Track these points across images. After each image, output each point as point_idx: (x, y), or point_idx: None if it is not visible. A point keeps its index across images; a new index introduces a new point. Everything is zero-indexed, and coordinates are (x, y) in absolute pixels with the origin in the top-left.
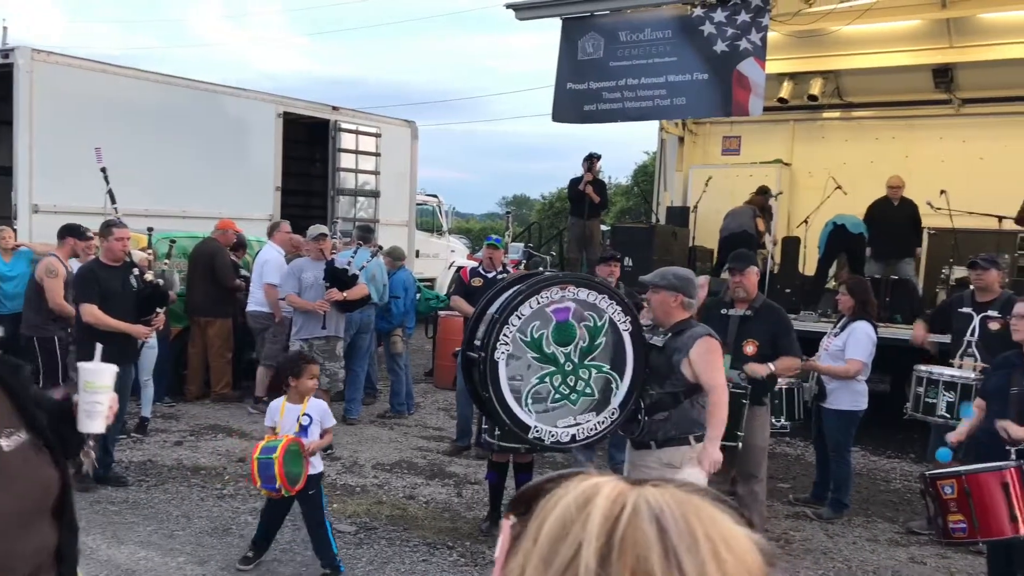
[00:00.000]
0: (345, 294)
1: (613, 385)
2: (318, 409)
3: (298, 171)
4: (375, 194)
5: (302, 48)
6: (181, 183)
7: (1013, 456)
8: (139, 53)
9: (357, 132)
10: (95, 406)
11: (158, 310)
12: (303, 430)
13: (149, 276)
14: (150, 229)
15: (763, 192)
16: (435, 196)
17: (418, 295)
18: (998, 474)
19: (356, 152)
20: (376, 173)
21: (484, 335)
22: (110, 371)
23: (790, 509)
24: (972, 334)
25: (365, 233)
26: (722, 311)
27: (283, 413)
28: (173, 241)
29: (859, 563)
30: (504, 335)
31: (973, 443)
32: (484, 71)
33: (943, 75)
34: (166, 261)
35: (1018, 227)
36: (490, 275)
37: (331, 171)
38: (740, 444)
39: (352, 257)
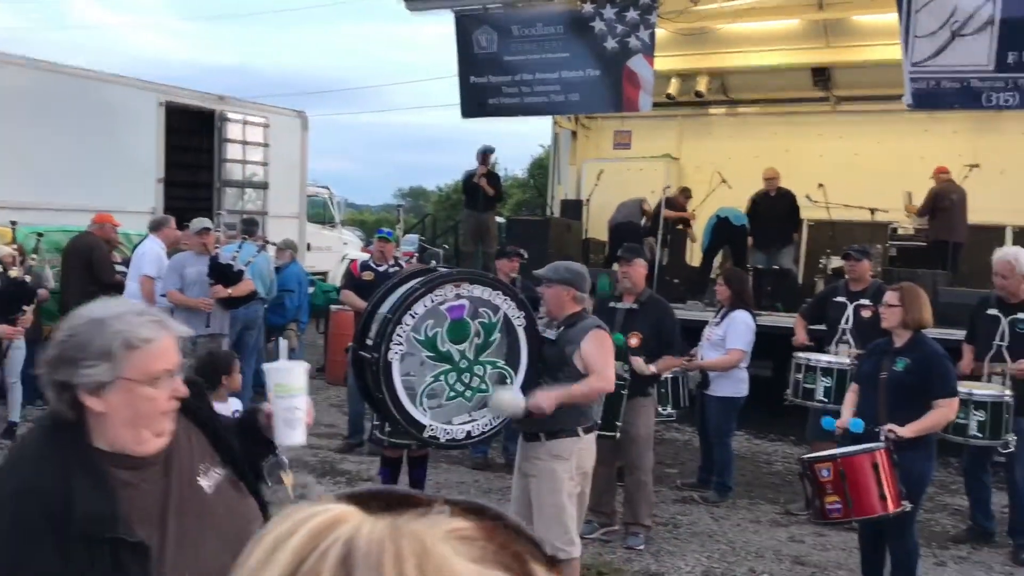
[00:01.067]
0: (231, 290)
1: (507, 380)
2: (240, 407)
3: (183, 162)
4: (264, 186)
5: (190, 35)
6: (51, 174)
7: (882, 438)
8: (4, 35)
9: (244, 122)
10: (294, 412)
11: (24, 308)
12: None
13: (14, 273)
14: (13, 222)
15: (685, 194)
16: (326, 187)
17: (312, 288)
18: (869, 456)
19: (243, 143)
20: (265, 164)
21: (377, 335)
22: (301, 369)
23: (678, 494)
24: (846, 322)
25: (250, 226)
26: (610, 304)
27: None
28: (40, 235)
29: (743, 544)
30: (398, 335)
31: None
32: (380, 61)
33: (821, 74)
34: (33, 256)
35: (901, 220)
36: (381, 268)
37: (217, 162)
38: (618, 434)
39: (237, 251)
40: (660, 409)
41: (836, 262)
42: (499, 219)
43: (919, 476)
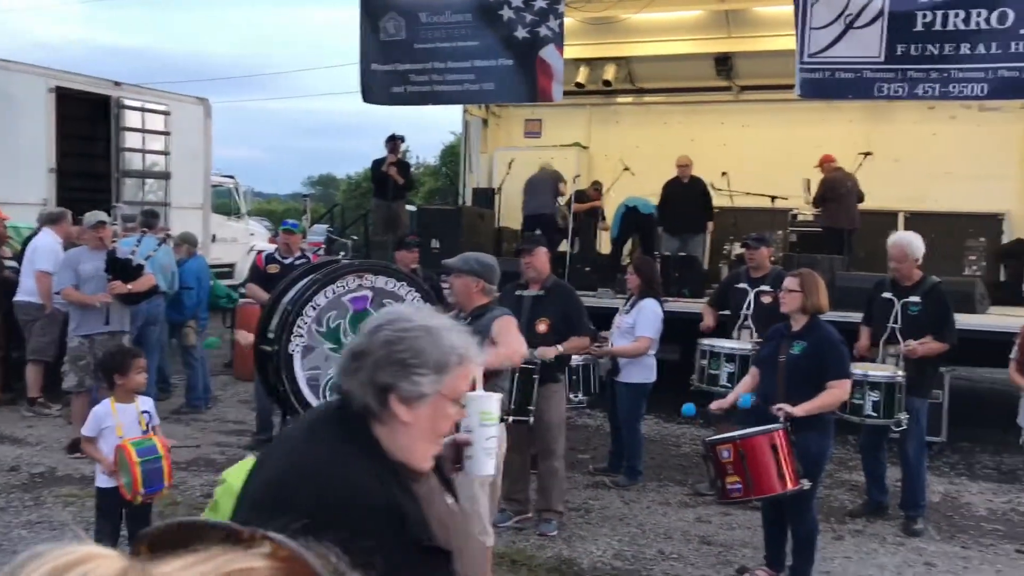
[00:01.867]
0: (130, 286)
1: None
2: (149, 405)
3: (79, 151)
4: (165, 176)
5: (84, 16)
6: None
7: (781, 419)
8: None
9: (143, 110)
10: (492, 442)
11: None
12: (149, 428)
13: None
14: None
15: (596, 187)
16: (231, 177)
17: (211, 284)
18: (768, 436)
19: (143, 131)
20: (166, 153)
21: (277, 328)
22: (497, 398)
23: (590, 479)
24: (748, 308)
25: (150, 218)
26: (516, 292)
27: (116, 415)
28: None
29: (652, 526)
30: (298, 327)
31: (753, 409)
32: (289, 46)
33: (724, 63)
34: None
35: (801, 207)
36: (287, 261)
37: (115, 151)
38: (532, 419)
39: (137, 245)
40: (572, 396)
41: (740, 249)
42: (410, 208)
43: (816, 455)
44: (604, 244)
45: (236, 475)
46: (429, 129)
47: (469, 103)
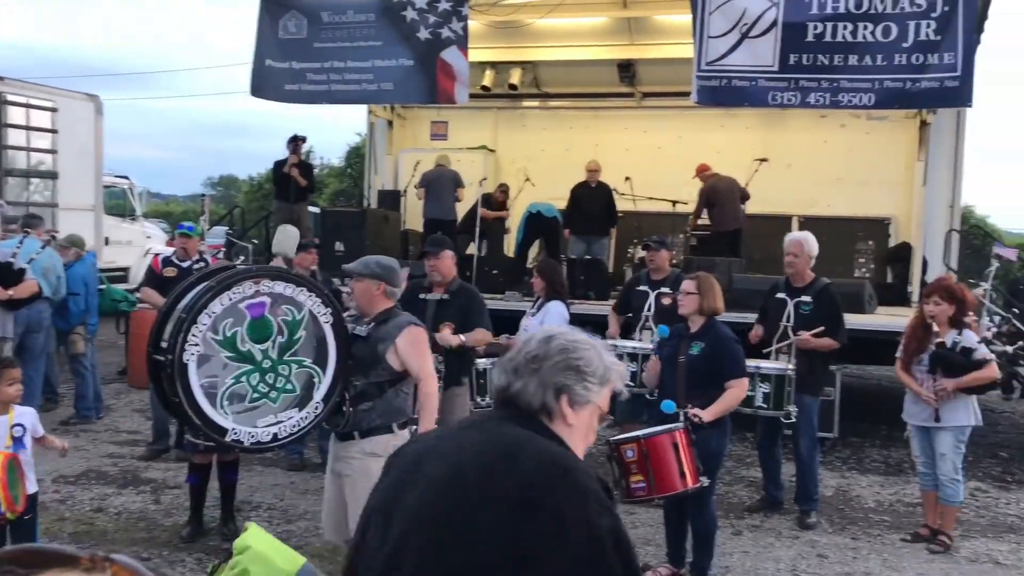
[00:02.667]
0: (11, 291)
1: (315, 379)
2: (28, 417)
3: None
4: (52, 175)
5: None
6: None
7: (682, 419)
8: None
9: (28, 106)
10: None
11: None
12: (17, 443)
13: None
14: None
15: (503, 189)
16: (125, 177)
17: (103, 288)
18: (670, 436)
19: (27, 128)
20: (53, 152)
21: (171, 336)
22: None
23: None
24: (648, 310)
25: (31, 220)
26: (420, 295)
27: None
28: None
29: None
30: (193, 335)
31: (654, 410)
32: (190, 43)
33: (626, 70)
34: None
35: (692, 223)
36: (185, 265)
37: None
38: (436, 426)
39: (18, 248)
40: (478, 399)
41: (642, 252)
42: (313, 210)
43: (715, 453)
44: (511, 247)
45: (257, 539)
46: (335, 130)
47: (367, 103)
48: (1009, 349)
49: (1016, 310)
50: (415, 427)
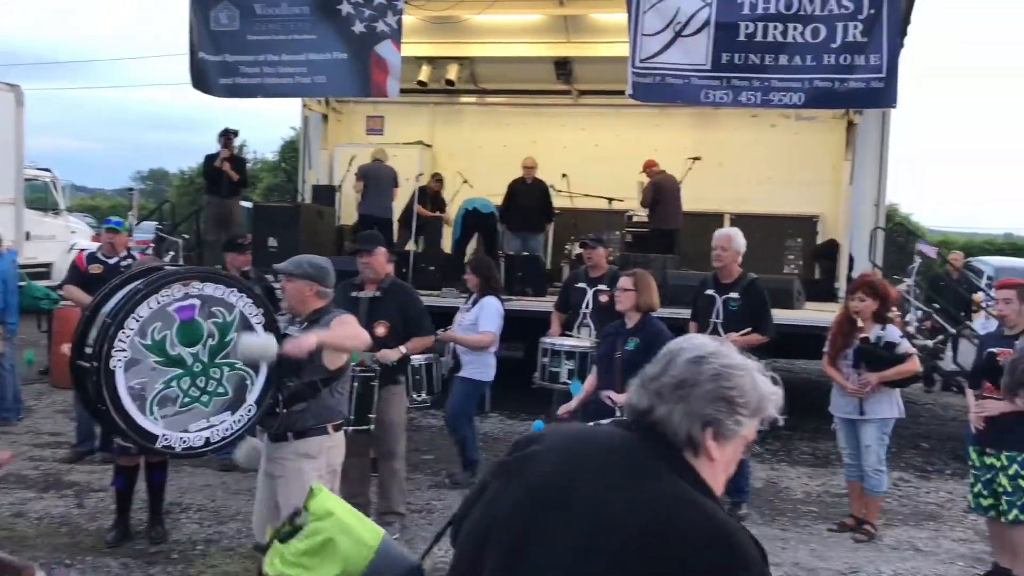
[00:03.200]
0: None
1: (248, 381)
2: None
3: None
4: None
5: None
6: None
7: (617, 415)
8: None
9: None
10: None
11: None
12: None
13: None
14: None
15: (437, 178)
16: (48, 170)
17: (23, 285)
18: None
19: None
20: None
21: (96, 340)
22: None
23: (433, 479)
24: (587, 307)
25: None
26: (352, 293)
27: None
28: None
29: None
30: (120, 340)
31: (589, 404)
32: (116, 33)
33: (563, 68)
34: None
35: (636, 208)
36: (112, 261)
37: None
38: (373, 427)
39: None
40: (414, 396)
41: (580, 249)
42: (246, 205)
43: None
44: (448, 243)
45: (338, 505)
46: (269, 124)
47: (301, 96)
48: (930, 343)
49: (937, 305)
50: (350, 428)
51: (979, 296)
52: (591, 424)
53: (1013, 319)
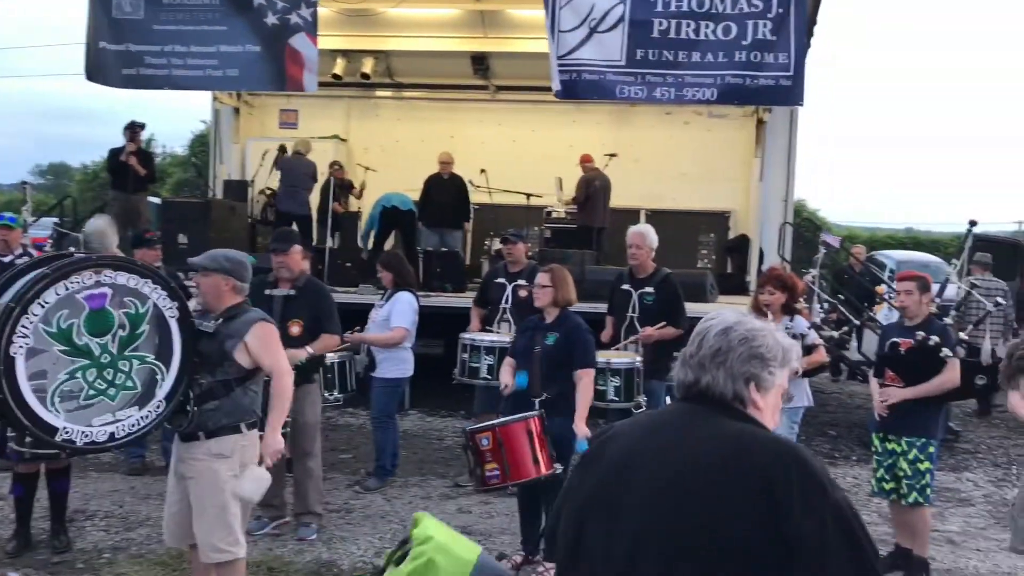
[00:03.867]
0: None
1: (158, 376)
2: None
3: None
4: None
5: None
6: None
7: (536, 407)
8: None
9: None
10: None
11: None
12: None
13: None
14: None
15: (337, 166)
16: None
17: None
18: (524, 423)
19: None
20: None
21: None
22: None
23: (351, 479)
24: (506, 302)
25: None
26: (266, 291)
27: None
28: None
29: None
30: (23, 327)
31: (511, 397)
32: (12, 19)
33: (480, 63)
34: None
35: (555, 204)
36: (6, 259)
37: None
38: (289, 428)
39: None
40: (327, 395)
41: (499, 244)
42: (154, 200)
43: (568, 439)
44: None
45: (437, 529)
46: (178, 117)
47: (212, 89)
48: (836, 334)
49: (842, 297)
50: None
51: (882, 288)
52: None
53: (914, 310)
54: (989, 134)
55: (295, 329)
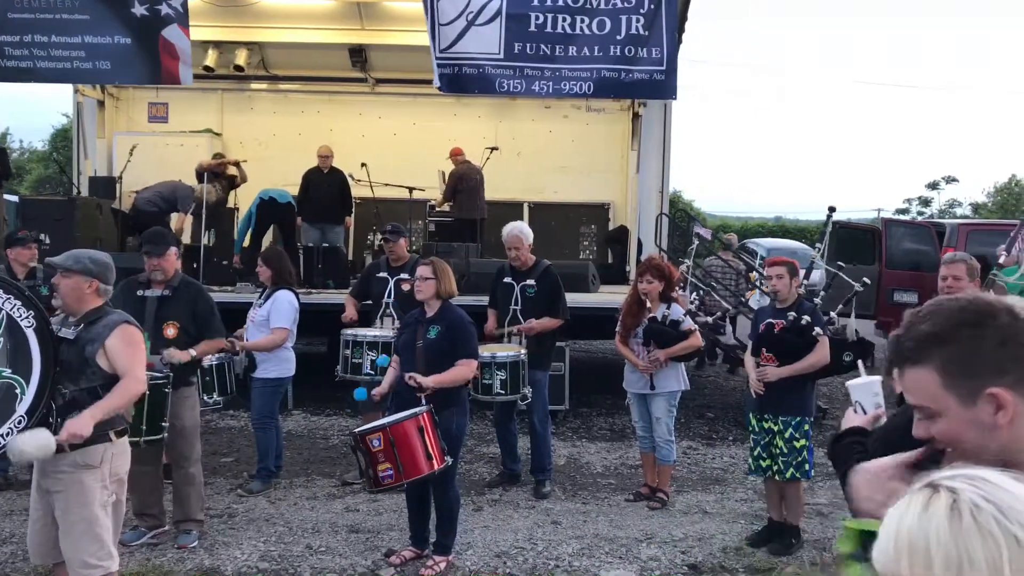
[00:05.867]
0: None
1: (18, 391)
2: None
3: None
4: None
5: None
6: None
7: (424, 402)
8: None
9: None
10: None
11: None
12: None
13: None
14: None
15: (218, 157)
16: None
17: None
18: (415, 420)
19: None
20: None
21: None
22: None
23: (233, 483)
24: (389, 296)
25: None
26: (138, 292)
27: None
28: None
29: (299, 522)
30: None
31: (395, 395)
32: None
33: (358, 55)
34: None
35: (437, 198)
36: None
37: None
38: (166, 434)
39: None
40: (206, 398)
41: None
42: (11, 198)
43: (457, 432)
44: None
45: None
46: (37, 110)
47: (83, 83)
48: (709, 320)
49: (714, 284)
50: (143, 439)
51: (753, 275)
52: None
53: (785, 293)
54: (852, 127)
55: (171, 332)
